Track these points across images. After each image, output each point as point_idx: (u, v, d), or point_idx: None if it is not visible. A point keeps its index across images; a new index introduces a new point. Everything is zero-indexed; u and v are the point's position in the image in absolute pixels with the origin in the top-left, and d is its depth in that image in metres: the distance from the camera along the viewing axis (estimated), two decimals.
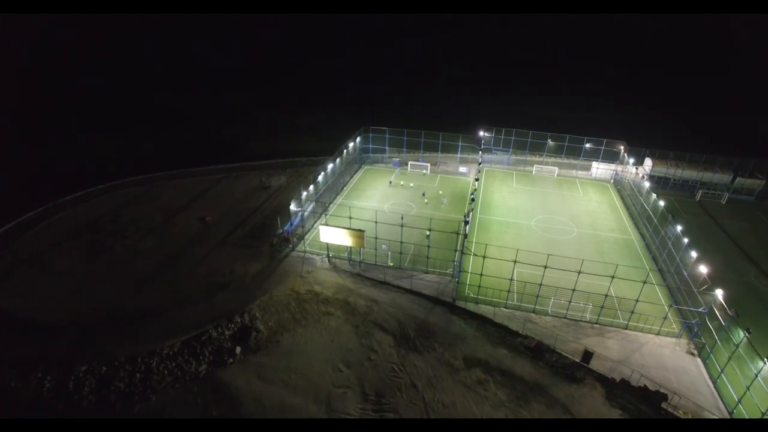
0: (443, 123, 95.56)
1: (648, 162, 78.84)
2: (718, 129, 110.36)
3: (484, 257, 46.90)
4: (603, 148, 79.70)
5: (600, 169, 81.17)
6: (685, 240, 49.64)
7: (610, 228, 65.13)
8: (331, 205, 68.34)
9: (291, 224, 59.55)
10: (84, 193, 68.77)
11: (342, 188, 73.86)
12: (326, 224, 52.44)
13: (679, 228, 52.10)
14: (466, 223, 51.32)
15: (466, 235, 48.42)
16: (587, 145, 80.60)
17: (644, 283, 44.67)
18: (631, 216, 68.28)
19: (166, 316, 45.88)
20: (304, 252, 56.94)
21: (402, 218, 61.83)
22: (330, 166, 66.48)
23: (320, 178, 63.17)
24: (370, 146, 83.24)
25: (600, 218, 67.82)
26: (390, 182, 77.53)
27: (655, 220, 59.06)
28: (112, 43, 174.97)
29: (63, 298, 47.55)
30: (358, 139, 78.36)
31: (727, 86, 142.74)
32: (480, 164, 69.38)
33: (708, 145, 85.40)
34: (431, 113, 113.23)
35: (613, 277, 44.53)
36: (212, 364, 41.57)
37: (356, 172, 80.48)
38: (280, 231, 59.23)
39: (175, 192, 72.65)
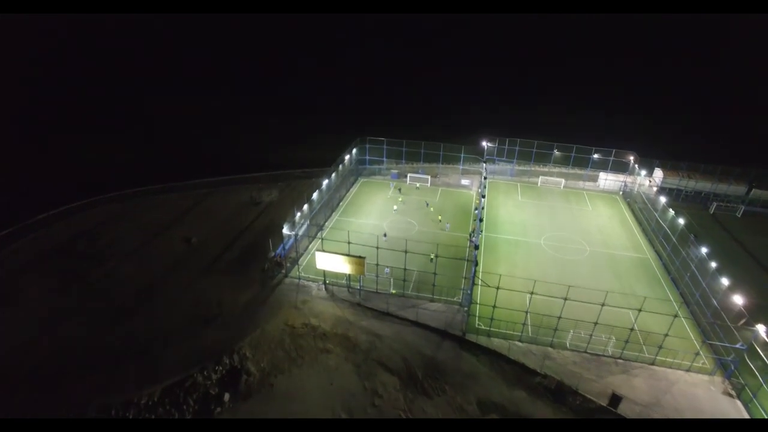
0: (443, 131, 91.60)
1: (659, 173, 75.17)
2: (733, 136, 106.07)
3: (497, 288, 42.65)
4: (612, 158, 75.97)
5: (608, 180, 77.42)
6: (713, 264, 45.78)
7: (623, 246, 61.29)
8: (327, 223, 63.78)
9: (284, 247, 54.92)
10: (59, 211, 63.30)
11: (338, 203, 69.30)
12: (323, 250, 47.84)
13: (704, 250, 48.26)
14: (476, 247, 47.03)
15: (476, 263, 44.06)
16: (595, 156, 76.80)
17: (675, 317, 40.72)
18: (645, 232, 64.55)
19: (145, 357, 41.04)
20: (299, 278, 52.34)
21: (384, 235, 58.37)
22: (325, 182, 61.86)
23: (315, 195, 58.54)
24: (367, 158, 78.76)
25: (612, 235, 63.99)
26: (399, 190, 74.35)
27: (674, 239, 55.26)
28: (98, 45, 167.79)
29: (27, 337, 42.43)
30: (354, 150, 73.77)
31: (744, 90, 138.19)
32: (485, 178, 65.14)
33: (720, 153, 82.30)
34: (430, 121, 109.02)
35: (640, 310, 40.55)
36: (197, 415, 37.05)
37: (352, 185, 75.93)
38: (272, 254, 54.55)
39: (158, 209, 67.59)
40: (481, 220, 53.06)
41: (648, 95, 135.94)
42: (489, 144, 77.12)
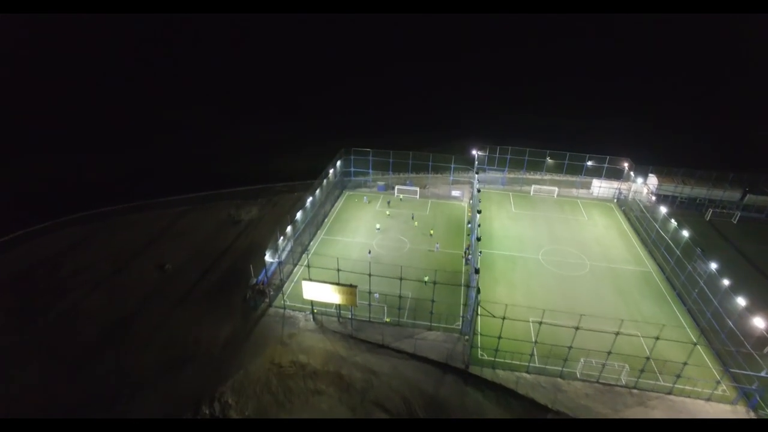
0: (432, 140, 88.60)
1: (653, 179, 73.07)
2: (725, 141, 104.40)
3: (503, 319, 39.26)
4: (606, 165, 73.69)
5: (602, 187, 75.10)
6: (726, 282, 43.28)
7: (624, 259, 58.79)
8: (312, 242, 59.61)
9: (266, 272, 50.57)
10: (16, 236, 57.57)
11: (323, 220, 65.14)
12: (309, 278, 43.76)
13: (713, 266, 45.79)
14: (476, 271, 43.53)
15: (478, 290, 40.54)
16: (589, 163, 74.38)
17: (695, 345, 37.99)
18: (644, 242, 62.25)
19: (111, 410, 36.31)
20: (284, 308, 48.09)
21: (369, 252, 55.99)
22: (309, 199, 57.64)
23: (299, 215, 54.32)
24: (352, 169, 74.66)
25: (611, 247, 61.48)
26: (388, 203, 70.73)
27: (678, 252, 52.89)
28: (59, 48, 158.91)
29: None
30: (338, 163, 69.62)
31: (738, 94, 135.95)
32: (478, 191, 61.73)
33: (713, 159, 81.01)
34: (418, 128, 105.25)
35: (657, 338, 37.64)
36: None
37: (337, 198, 71.82)
38: (254, 281, 50.21)
39: (128, 231, 62.34)
40: (478, 240, 49.51)
41: (639, 100, 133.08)
42: (479, 153, 73.83)
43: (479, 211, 54.83)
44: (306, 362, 41.59)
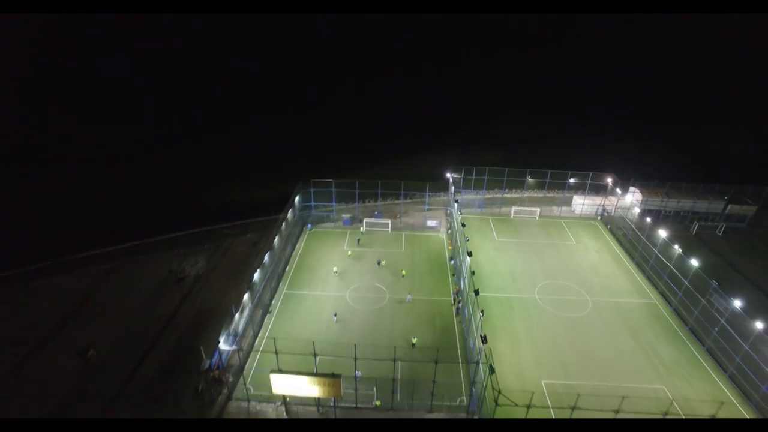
0: (400, 163, 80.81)
1: (637, 195, 68.94)
2: (707, 153, 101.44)
3: (528, 407, 31.82)
4: (589, 182, 68.75)
5: (585, 204, 70.17)
6: (759, 326, 38.18)
7: (626, 290, 53.49)
8: (274, 301, 49.89)
9: (220, 354, 40.54)
10: None
11: (284, 269, 55.44)
12: (279, 370, 34.41)
13: (737, 304, 40.79)
14: (483, 339, 35.87)
15: (492, 369, 32.84)
16: (571, 180, 69.15)
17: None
18: (639, 267, 57.47)
19: None
20: (248, 399, 38.38)
21: (335, 315, 47.04)
22: (267, 254, 47.83)
23: (256, 276, 44.45)
24: (312, 203, 65.11)
25: (608, 276, 56.16)
26: (358, 241, 62.19)
27: (686, 283, 47.91)
28: None
29: None
30: (296, 199, 59.93)
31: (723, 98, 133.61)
32: (464, 225, 54.19)
33: (690, 171, 78.32)
34: (384, 151, 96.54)
35: (713, 418, 31.53)
36: None
37: (298, 238, 62.23)
38: (207, 365, 40.13)
39: (34, 303, 49.34)
40: (476, 293, 41.80)
41: (611, 113, 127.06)
42: (455, 175, 66.46)
43: (470, 254, 47.25)
44: None
